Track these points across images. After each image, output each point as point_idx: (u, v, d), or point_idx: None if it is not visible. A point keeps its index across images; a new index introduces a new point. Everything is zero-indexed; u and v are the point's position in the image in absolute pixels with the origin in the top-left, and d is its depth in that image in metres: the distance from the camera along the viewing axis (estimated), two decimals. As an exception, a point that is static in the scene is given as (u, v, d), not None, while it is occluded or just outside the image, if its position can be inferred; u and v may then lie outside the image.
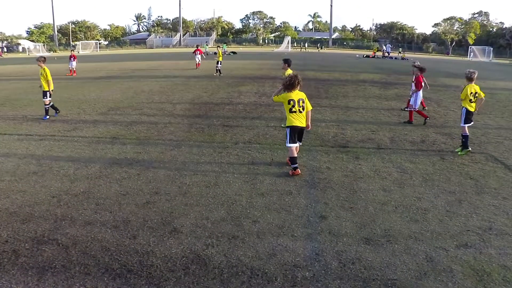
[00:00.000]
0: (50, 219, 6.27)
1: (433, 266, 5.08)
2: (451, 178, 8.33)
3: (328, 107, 16.45)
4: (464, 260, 5.22)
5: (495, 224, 6.31)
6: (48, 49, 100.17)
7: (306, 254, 5.31)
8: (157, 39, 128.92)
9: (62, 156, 9.58)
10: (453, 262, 5.16)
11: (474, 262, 5.17)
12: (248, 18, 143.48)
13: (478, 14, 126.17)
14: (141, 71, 33.45)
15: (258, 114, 14.73)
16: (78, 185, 7.69)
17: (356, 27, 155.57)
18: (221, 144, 10.66)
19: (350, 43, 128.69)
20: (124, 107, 16.25)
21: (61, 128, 12.45)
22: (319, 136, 11.63)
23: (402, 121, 13.92)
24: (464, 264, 5.13)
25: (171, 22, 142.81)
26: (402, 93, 21.11)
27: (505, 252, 5.44)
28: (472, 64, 57.20)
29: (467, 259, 5.24)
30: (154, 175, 8.26)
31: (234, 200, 7.03)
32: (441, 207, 6.88)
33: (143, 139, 11.17)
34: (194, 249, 5.39)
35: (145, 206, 6.78)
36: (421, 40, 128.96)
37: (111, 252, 5.32)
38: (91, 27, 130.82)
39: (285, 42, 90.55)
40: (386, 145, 10.85)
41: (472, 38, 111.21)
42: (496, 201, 7.23)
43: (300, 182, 7.93)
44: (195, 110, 15.46)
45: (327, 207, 6.77)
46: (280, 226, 6.08)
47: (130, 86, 23.35)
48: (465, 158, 9.68)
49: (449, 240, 5.74)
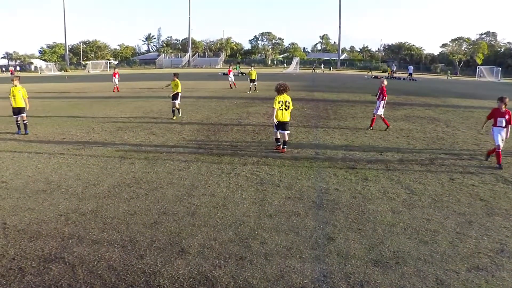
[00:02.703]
0: (58, 238, 6.28)
1: (443, 289, 5.02)
2: (461, 199, 8.26)
3: (337, 128, 16.45)
4: (476, 284, 5.14)
5: (507, 246, 6.23)
6: (60, 68, 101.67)
7: (314, 276, 5.26)
8: (166, 59, 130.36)
9: (70, 175, 9.62)
10: (464, 286, 5.09)
11: (486, 286, 5.10)
12: (257, 39, 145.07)
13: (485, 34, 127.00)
14: (150, 90, 33.69)
15: (266, 135, 14.73)
16: (86, 204, 7.70)
17: (364, 48, 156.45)
18: (230, 165, 10.66)
19: (359, 63, 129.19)
20: (133, 126, 16.34)
21: (70, 147, 12.53)
22: (327, 157, 11.60)
23: (411, 142, 13.87)
24: (476, 288, 5.06)
25: (180, 42, 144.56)
26: (411, 113, 21.10)
27: (517, 276, 5.36)
28: (481, 84, 57.12)
29: (479, 283, 5.17)
30: (162, 195, 8.26)
31: (242, 221, 7.01)
32: (451, 229, 6.81)
33: (151, 159, 11.20)
34: (202, 270, 5.36)
35: (152, 226, 6.77)
36: (429, 60, 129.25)
37: (117, 271, 5.30)
38: (102, 46, 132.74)
39: (293, 63, 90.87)
40: (395, 166, 10.80)
41: (480, 58, 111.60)
42: (507, 222, 7.14)
43: (309, 204, 7.89)
44: (204, 131, 15.52)
45: (335, 229, 6.72)
46: (288, 248, 6.04)
47: (139, 105, 23.54)
48: (475, 179, 9.60)
49: (459, 263, 5.66)
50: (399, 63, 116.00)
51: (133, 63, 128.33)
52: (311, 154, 11.94)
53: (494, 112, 11.20)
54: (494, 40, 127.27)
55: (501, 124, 10.90)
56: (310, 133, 15.21)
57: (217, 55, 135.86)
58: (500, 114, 10.98)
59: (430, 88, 43.06)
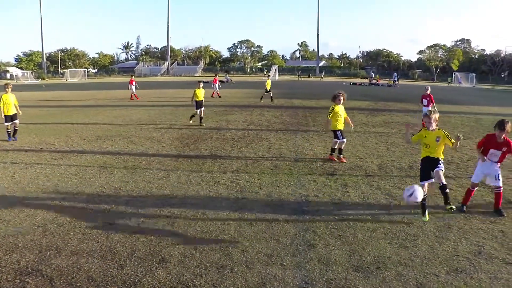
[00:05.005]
0: (35, 250, 6.17)
1: (423, 293, 5.06)
2: (440, 203, 8.35)
3: (316, 135, 16.53)
4: (455, 286, 5.22)
5: (485, 248, 6.35)
6: (37, 76, 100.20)
7: (295, 283, 5.26)
8: (145, 67, 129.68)
9: (48, 185, 9.48)
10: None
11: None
12: (236, 47, 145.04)
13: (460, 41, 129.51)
14: (129, 99, 33.46)
15: (246, 143, 14.74)
16: (65, 215, 7.58)
17: (343, 55, 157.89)
18: (209, 173, 10.63)
19: (337, 70, 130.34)
20: (112, 135, 16.19)
21: (48, 157, 12.35)
22: (307, 164, 11.64)
23: (391, 148, 14.02)
24: (455, 291, 5.12)
25: (159, 50, 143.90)
26: (390, 119, 21.33)
27: (495, 277, 5.46)
28: (457, 89, 58.05)
29: (458, 285, 5.24)
30: (142, 204, 8.19)
31: (222, 230, 6.98)
32: (431, 233, 6.90)
33: (130, 168, 11.10)
34: (183, 279, 5.32)
35: (132, 235, 6.70)
36: (406, 67, 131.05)
37: (97, 283, 5.23)
38: (80, 55, 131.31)
39: (272, 70, 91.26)
40: (374, 172, 10.89)
41: (456, 64, 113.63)
42: (484, 225, 7.28)
43: (289, 211, 7.90)
44: (183, 139, 15.45)
45: (315, 235, 6.74)
46: (269, 255, 6.03)
47: (118, 114, 23.35)
48: (453, 183, 9.73)
49: (439, 266, 5.74)
50: (377, 69, 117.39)
51: (112, 71, 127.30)
52: (290, 161, 11.97)
53: (488, 140, 8.14)
54: (468, 47, 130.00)
55: (494, 158, 7.99)
56: (290, 140, 15.25)
57: (196, 63, 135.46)
58: (495, 145, 7.94)
59: (408, 94, 43.59)
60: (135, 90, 34.28)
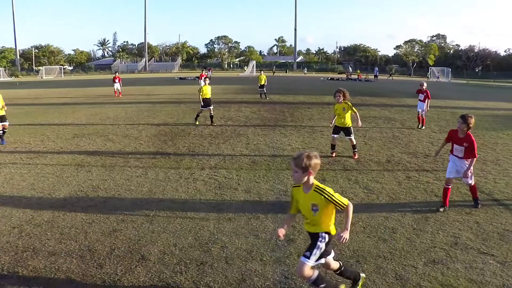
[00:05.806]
0: (11, 251, 6.06)
1: (402, 284, 5.14)
2: (417, 196, 8.49)
3: (294, 130, 16.59)
4: (432, 277, 5.30)
5: (460, 239, 6.48)
6: (10, 74, 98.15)
7: (275, 278, 5.29)
8: (122, 64, 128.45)
9: (24, 185, 9.33)
10: (422, 279, 5.24)
11: (442, 278, 5.26)
12: (213, 43, 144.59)
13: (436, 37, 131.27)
14: (106, 97, 33.12)
15: (224, 139, 14.71)
16: (42, 215, 7.48)
17: (320, 51, 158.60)
18: (188, 169, 10.59)
19: (315, 66, 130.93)
20: (89, 133, 16.00)
21: (23, 156, 12.15)
22: (285, 159, 11.68)
23: (368, 142, 14.15)
24: (433, 281, 5.21)
25: (136, 47, 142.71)
26: (367, 114, 21.50)
27: (471, 266, 5.58)
28: (434, 84, 58.79)
29: (435, 275, 5.33)
30: (120, 203, 8.13)
31: (201, 226, 6.97)
32: (408, 225, 6.99)
33: (108, 166, 11.00)
34: (163, 277, 5.30)
35: (111, 234, 6.65)
36: (384, 61, 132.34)
37: (76, 283, 5.17)
38: (55, 52, 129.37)
39: (250, 66, 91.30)
40: (352, 166, 10.98)
41: (432, 59, 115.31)
42: (460, 216, 7.42)
43: (268, 206, 7.93)
44: (161, 136, 15.35)
45: (295, 230, 6.76)
46: (249, 251, 6.04)
47: (95, 112, 23.08)
48: (430, 176, 9.88)
49: (417, 258, 5.83)
50: (354, 64, 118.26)
51: (89, 68, 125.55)
52: (268, 156, 12.00)
53: (450, 135, 8.03)
54: (444, 42, 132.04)
55: (458, 153, 7.77)
56: (268, 136, 15.28)
57: (173, 59, 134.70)
58: (457, 140, 7.78)
59: (385, 89, 44.04)
60: (119, 88, 34.43)
